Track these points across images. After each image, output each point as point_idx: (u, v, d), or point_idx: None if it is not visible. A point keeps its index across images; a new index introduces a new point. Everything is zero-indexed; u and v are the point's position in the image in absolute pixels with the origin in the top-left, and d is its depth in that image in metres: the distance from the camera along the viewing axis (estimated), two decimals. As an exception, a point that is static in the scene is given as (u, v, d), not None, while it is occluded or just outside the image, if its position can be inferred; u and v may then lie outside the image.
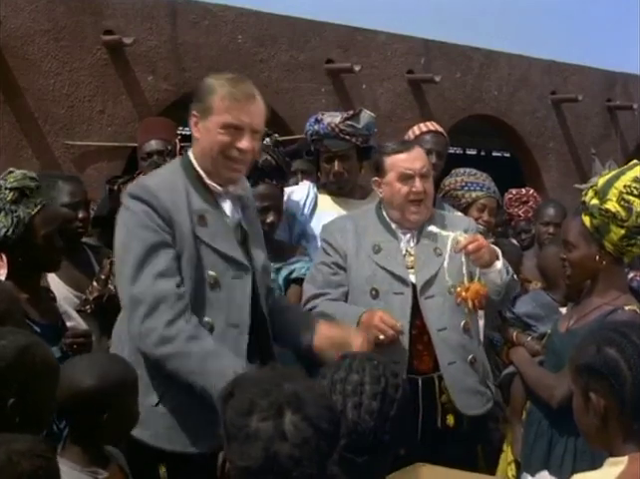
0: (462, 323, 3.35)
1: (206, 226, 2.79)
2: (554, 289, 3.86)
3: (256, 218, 3.13)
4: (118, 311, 3.55)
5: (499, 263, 3.27)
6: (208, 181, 2.86)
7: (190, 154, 2.92)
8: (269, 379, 1.84)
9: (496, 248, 3.33)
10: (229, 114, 2.79)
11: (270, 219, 3.66)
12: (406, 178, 3.36)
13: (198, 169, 2.88)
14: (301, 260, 3.73)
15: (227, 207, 2.90)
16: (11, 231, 2.99)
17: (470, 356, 3.35)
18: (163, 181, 2.88)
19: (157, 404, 2.77)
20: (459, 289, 3.20)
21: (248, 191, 3.11)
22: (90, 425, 2.45)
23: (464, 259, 3.21)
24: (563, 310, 3.61)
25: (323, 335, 2.96)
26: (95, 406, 2.42)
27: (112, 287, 3.53)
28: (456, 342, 3.32)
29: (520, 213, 5.54)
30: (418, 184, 3.36)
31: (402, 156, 3.39)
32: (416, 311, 3.32)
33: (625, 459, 2.01)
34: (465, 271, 3.21)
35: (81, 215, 3.68)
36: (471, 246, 3.18)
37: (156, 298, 2.69)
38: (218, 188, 2.88)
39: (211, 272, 2.77)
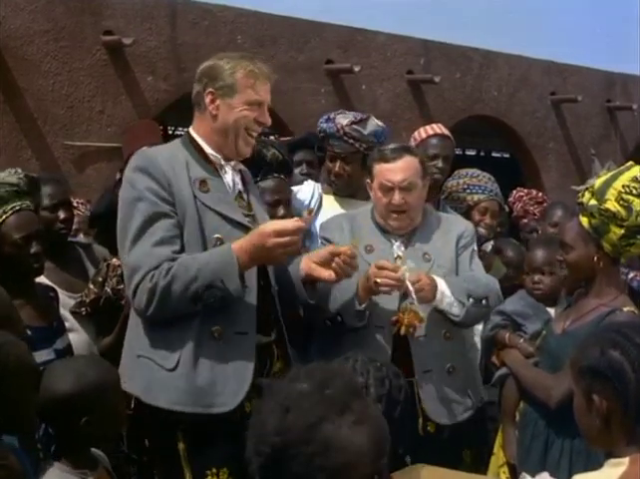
0: (443, 332, 3.32)
1: (208, 191, 2.88)
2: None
3: (258, 194, 3.18)
4: (114, 314, 3.56)
5: (438, 301, 3.24)
6: (210, 151, 2.96)
7: (192, 130, 3.02)
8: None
9: (440, 285, 3.26)
10: (253, 90, 2.93)
11: (281, 212, 3.67)
12: (386, 189, 3.34)
13: (201, 141, 2.97)
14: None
15: (228, 177, 2.98)
16: None
17: (448, 365, 3.29)
18: (164, 150, 3.01)
19: (173, 369, 2.77)
20: (400, 315, 3.21)
21: (249, 174, 3.20)
22: (71, 429, 2.43)
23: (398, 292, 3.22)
24: (551, 311, 3.60)
25: (305, 261, 3.06)
26: (72, 411, 2.40)
27: (108, 290, 3.52)
28: (434, 350, 3.28)
29: (537, 212, 5.54)
30: (396, 196, 3.31)
31: (386, 166, 3.35)
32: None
33: (626, 460, 2.00)
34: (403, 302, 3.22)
35: (62, 215, 3.60)
36: (412, 287, 3.16)
37: (152, 264, 2.76)
38: (220, 159, 2.96)
39: (217, 235, 2.85)
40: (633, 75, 12.36)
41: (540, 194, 5.80)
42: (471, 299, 3.30)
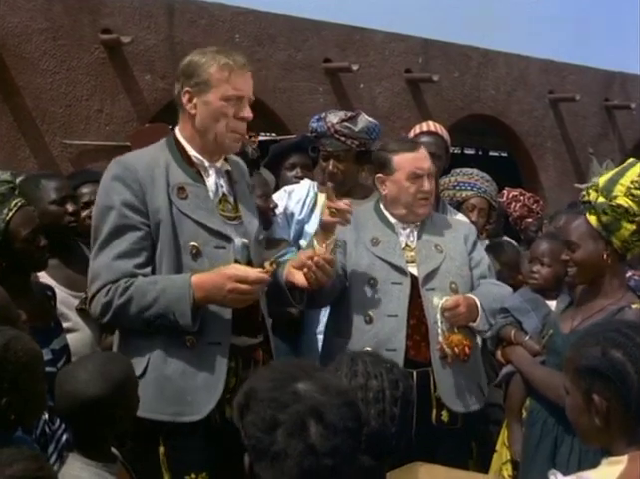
0: None
1: (187, 197, 2.84)
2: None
3: (249, 193, 3.15)
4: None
5: (477, 322, 3.36)
6: (194, 152, 2.91)
7: (177, 131, 2.97)
8: (282, 386, 1.78)
9: (477, 304, 3.35)
10: (230, 84, 2.85)
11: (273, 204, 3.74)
12: (415, 177, 3.44)
13: (185, 143, 2.92)
14: (290, 252, 3.74)
15: (211, 180, 2.93)
16: None
17: None
18: (144, 155, 2.94)
19: (141, 375, 2.77)
20: (440, 340, 3.28)
21: (241, 167, 3.16)
22: (94, 427, 2.47)
23: (438, 317, 3.29)
24: (552, 305, 3.59)
25: (287, 266, 3.09)
26: (100, 411, 2.44)
27: None
28: None
29: (539, 209, 5.58)
30: (426, 183, 3.45)
31: (410, 155, 3.46)
32: (415, 302, 3.35)
33: (625, 459, 2.00)
34: (443, 325, 3.29)
35: (70, 208, 3.63)
36: (447, 314, 3.27)
37: (110, 278, 2.78)
38: (204, 161, 2.92)
39: (193, 243, 2.82)
40: (631, 74, 12.35)
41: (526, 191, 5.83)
42: (497, 318, 3.49)
